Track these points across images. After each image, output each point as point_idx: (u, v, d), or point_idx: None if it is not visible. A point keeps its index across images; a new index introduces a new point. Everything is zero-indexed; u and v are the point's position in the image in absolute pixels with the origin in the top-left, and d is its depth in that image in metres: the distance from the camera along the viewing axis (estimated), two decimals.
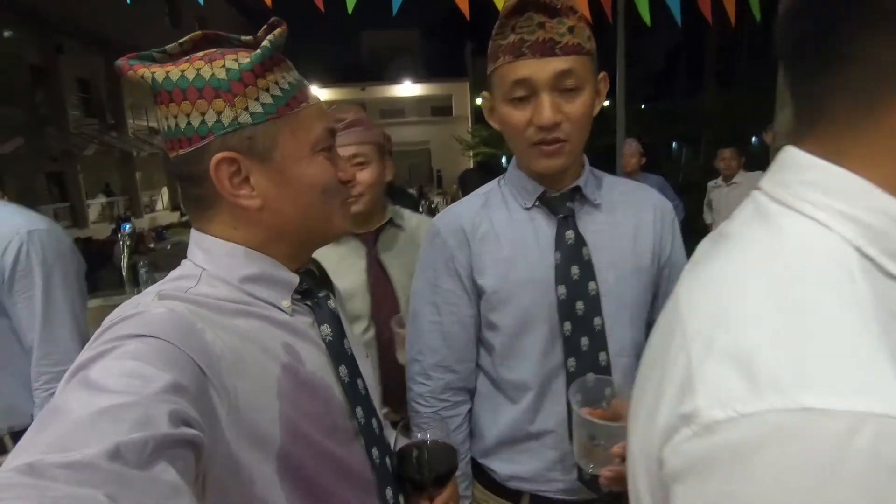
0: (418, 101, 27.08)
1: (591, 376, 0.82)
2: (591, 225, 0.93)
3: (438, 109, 26.77)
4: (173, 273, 0.64)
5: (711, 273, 0.40)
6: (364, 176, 1.26)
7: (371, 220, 1.33)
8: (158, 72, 0.58)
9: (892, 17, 0.32)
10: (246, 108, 0.59)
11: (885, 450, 0.26)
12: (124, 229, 2.37)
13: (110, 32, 13.83)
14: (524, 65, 0.83)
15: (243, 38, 0.65)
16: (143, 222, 15.16)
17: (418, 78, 25.38)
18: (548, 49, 0.81)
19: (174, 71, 0.58)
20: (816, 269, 0.34)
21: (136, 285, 2.42)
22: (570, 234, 0.91)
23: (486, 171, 3.53)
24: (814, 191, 0.36)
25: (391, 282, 1.31)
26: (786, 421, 0.28)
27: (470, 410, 1.04)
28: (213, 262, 0.62)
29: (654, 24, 2.53)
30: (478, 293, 0.96)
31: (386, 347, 1.29)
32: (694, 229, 3.62)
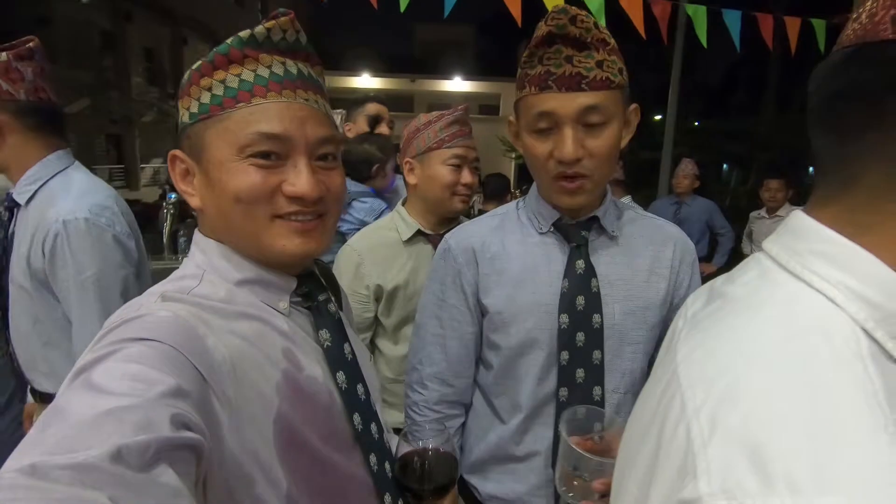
0: (466, 98, 26.99)
1: (582, 408, 0.80)
2: (605, 256, 0.91)
3: (486, 108, 26.65)
4: (177, 272, 0.63)
5: (716, 339, 0.38)
6: (474, 179, 1.33)
7: (441, 222, 1.38)
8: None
9: None
10: (188, 108, 0.60)
11: None
12: (170, 198, 2.45)
13: (177, 5, 14.39)
14: (549, 98, 0.82)
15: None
16: None
17: (468, 74, 25.31)
18: (574, 84, 0.80)
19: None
20: (830, 352, 0.32)
21: (175, 252, 2.51)
22: (580, 263, 0.90)
23: (507, 180, 3.59)
24: (825, 264, 0.35)
25: None
26: None
27: (464, 425, 1.04)
28: (210, 265, 0.62)
29: (715, 39, 2.46)
30: (481, 312, 0.96)
31: None
32: (740, 258, 3.45)
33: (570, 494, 0.74)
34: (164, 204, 2.50)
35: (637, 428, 0.42)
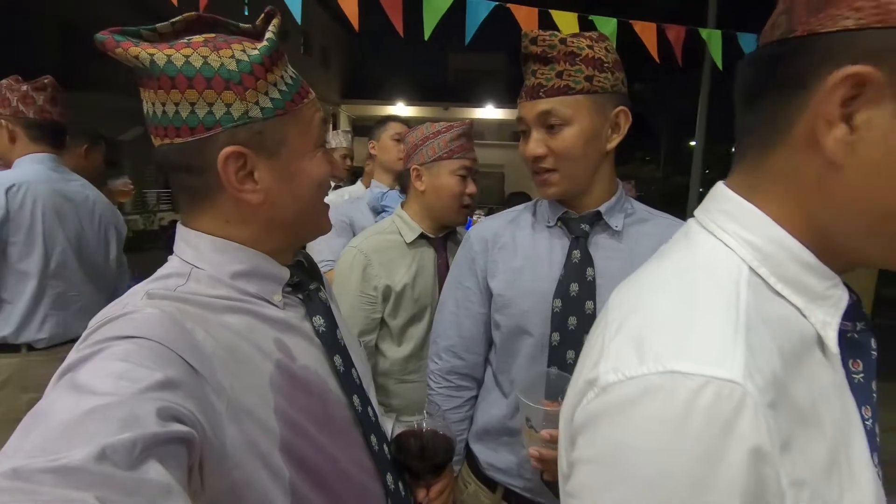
0: (498, 125, 27.31)
1: (553, 370, 0.89)
2: (605, 249, 0.98)
3: (517, 134, 26.70)
4: (160, 271, 0.62)
5: (637, 278, 0.48)
6: (475, 188, 1.42)
7: (441, 227, 1.45)
8: (158, 54, 0.54)
9: (781, 82, 0.41)
10: (256, 103, 0.57)
11: (723, 405, 0.35)
12: None
13: None
14: (521, 106, 0.99)
15: (242, 25, 0.63)
16: None
17: (500, 102, 25.64)
18: (535, 93, 0.95)
19: (177, 56, 0.54)
20: (712, 278, 0.43)
21: None
22: (577, 253, 0.98)
23: (528, 199, 3.61)
24: (726, 218, 0.45)
25: None
26: (657, 381, 0.37)
27: (475, 398, 1.15)
28: (203, 259, 0.61)
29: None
30: (489, 294, 1.07)
31: None
32: None
33: (526, 445, 0.84)
34: None
35: (583, 350, 0.50)
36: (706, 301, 0.41)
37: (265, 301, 0.64)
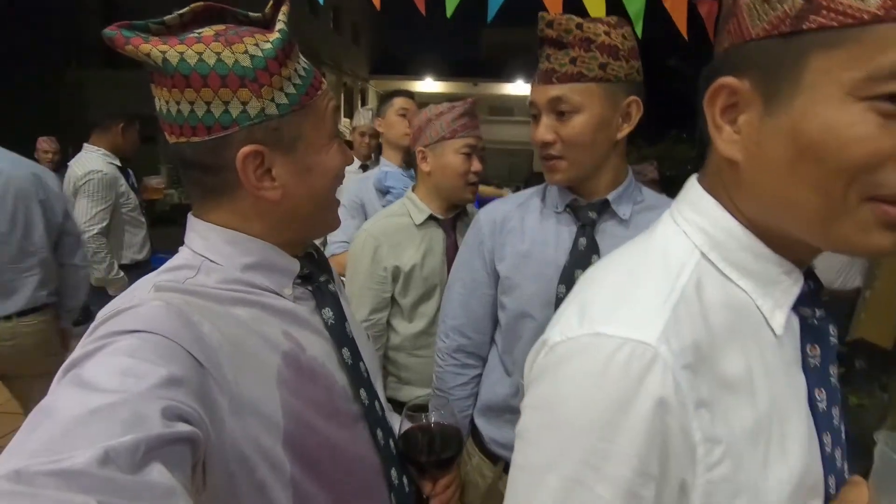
0: (528, 102, 26.73)
1: None
2: (611, 238, 0.99)
3: None
4: (171, 262, 0.62)
5: (606, 259, 0.54)
6: (480, 166, 1.42)
7: (450, 208, 1.47)
8: (170, 52, 0.53)
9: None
10: (272, 99, 0.56)
11: (634, 363, 0.40)
12: None
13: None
14: (534, 90, 0.99)
15: (251, 14, 0.62)
16: None
17: (531, 78, 25.04)
18: (547, 78, 0.95)
19: (189, 53, 0.53)
20: (662, 258, 0.48)
21: None
22: (583, 240, 0.99)
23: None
24: (687, 208, 0.50)
25: None
26: (586, 341, 0.43)
27: (480, 375, 1.18)
28: (213, 250, 0.61)
29: None
30: (497, 277, 1.09)
31: None
32: None
33: None
34: None
35: None
36: (648, 277, 0.46)
37: (275, 293, 0.64)
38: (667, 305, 0.43)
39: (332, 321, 0.69)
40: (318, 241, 0.83)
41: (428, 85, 25.28)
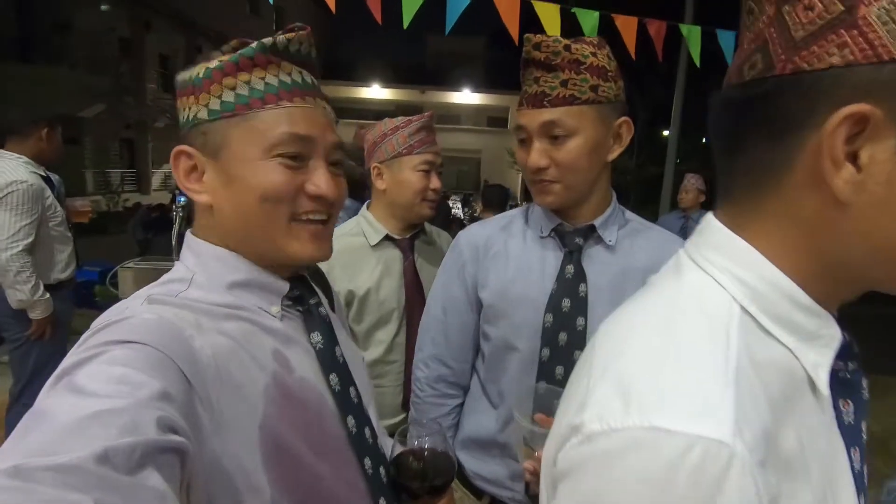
0: (476, 110, 27.19)
1: (542, 385, 0.88)
2: (598, 264, 0.97)
3: (494, 120, 26.78)
4: (166, 275, 0.63)
5: (625, 314, 0.47)
6: (439, 183, 1.35)
7: (407, 227, 1.39)
8: (183, 73, 0.63)
9: (769, 122, 0.39)
10: (206, 105, 0.60)
11: (709, 467, 0.33)
12: (178, 202, 2.47)
13: (195, 14, 14.70)
14: (522, 114, 0.94)
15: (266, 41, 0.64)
16: None
17: (478, 87, 25.50)
18: (538, 101, 0.91)
19: (183, 74, 0.62)
20: (702, 318, 0.41)
21: None
22: (570, 268, 0.96)
23: (503, 190, 3.66)
24: (716, 253, 0.44)
25: (423, 288, 1.36)
26: (641, 436, 0.35)
27: (461, 405, 1.13)
28: (203, 266, 0.62)
29: (722, 56, 2.47)
30: (479, 304, 1.04)
31: (413, 351, 1.31)
32: None
33: (521, 460, 0.84)
34: (174, 207, 2.53)
35: (567, 388, 0.49)
36: (694, 345, 0.39)
37: (264, 312, 0.63)
38: (728, 385, 0.36)
39: (320, 346, 0.68)
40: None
41: (375, 91, 25.13)
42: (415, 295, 1.35)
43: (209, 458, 0.51)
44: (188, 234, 0.65)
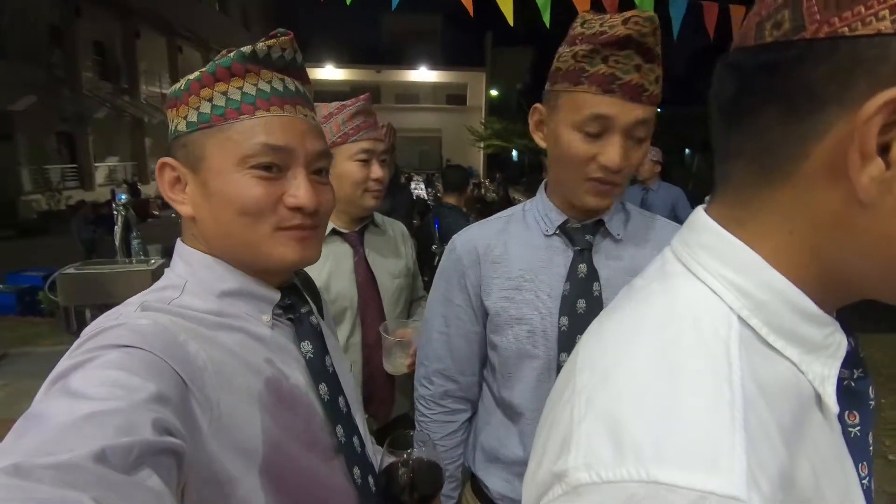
0: (433, 88, 26.86)
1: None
2: (609, 260, 0.91)
3: (453, 98, 26.56)
4: (158, 283, 0.63)
5: (609, 327, 0.41)
6: (384, 173, 1.27)
7: (354, 220, 1.31)
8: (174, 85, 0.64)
9: (788, 98, 0.32)
10: (185, 117, 0.60)
11: None
12: (119, 199, 2.31)
13: None
14: (611, 103, 0.79)
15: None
16: (150, 189, 15.20)
17: (435, 64, 25.14)
18: (637, 94, 0.79)
19: (178, 83, 0.62)
20: (698, 337, 0.35)
21: (129, 256, 2.37)
22: (583, 267, 0.90)
23: (465, 172, 3.59)
24: (709, 256, 0.38)
25: (377, 284, 1.30)
26: (638, 491, 0.30)
27: (470, 420, 1.07)
28: (194, 275, 0.62)
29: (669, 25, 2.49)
30: (484, 312, 0.97)
31: (371, 351, 1.27)
32: None
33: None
34: (115, 206, 2.34)
35: (546, 407, 0.44)
36: (692, 373, 0.33)
37: (256, 320, 0.64)
38: (737, 425, 0.31)
39: (310, 355, 0.68)
40: None
41: (329, 72, 24.42)
42: (369, 291, 1.28)
43: (205, 460, 0.51)
44: (179, 242, 0.66)
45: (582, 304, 0.88)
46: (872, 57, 0.29)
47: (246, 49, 0.60)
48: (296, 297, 0.70)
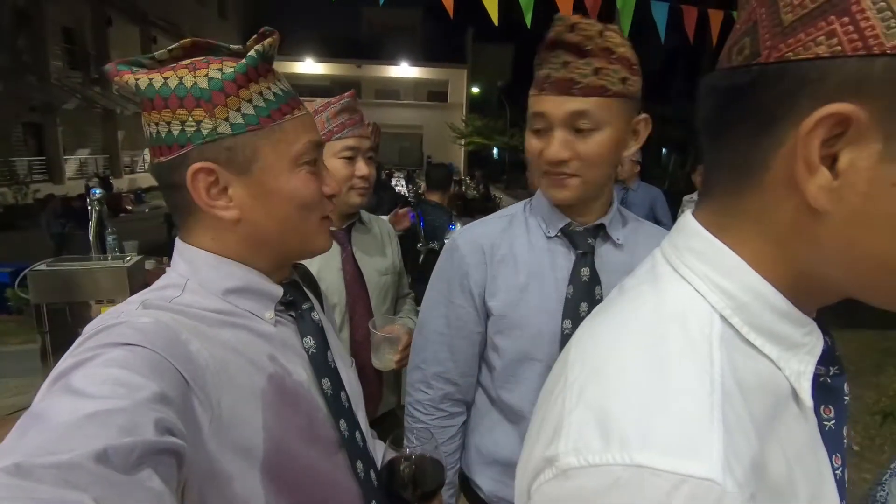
0: (415, 84, 26.73)
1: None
2: (610, 264, 0.93)
3: (434, 94, 26.49)
4: (158, 282, 0.63)
5: (600, 325, 0.43)
6: (370, 171, 1.27)
7: (341, 217, 1.31)
8: (142, 78, 0.57)
9: (752, 115, 0.36)
10: (226, 119, 0.58)
11: None
12: (93, 194, 2.23)
13: None
14: (544, 100, 0.86)
15: (232, 46, 0.65)
16: (123, 183, 14.79)
17: (416, 60, 25.01)
18: (565, 88, 0.83)
19: (157, 78, 0.57)
20: (684, 335, 0.37)
21: (104, 252, 2.30)
22: (585, 270, 0.91)
23: (448, 171, 3.62)
24: (696, 259, 0.40)
25: (364, 281, 1.31)
26: (622, 474, 0.32)
27: (465, 423, 1.06)
28: (196, 273, 0.62)
29: (652, 25, 2.54)
30: (487, 313, 0.97)
31: (359, 347, 1.28)
32: None
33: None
34: (89, 200, 2.27)
35: (540, 398, 0.47)
36: (677, 370, 0.36)
37: (258, 318, 0.65)
38: (715, 413, 0.33)
39: (313, 350, 0.69)
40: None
41: (309, 66, 24.09)
42: (357, 288, 1.29)
43: (206, 458, 0.52)
44: (178, 241, 0.65)
45: (584, 307, 0.90)
46: (813, 78, 0.32)
47: (259, 48, 0.60)
48: (297, 294, 0.71)
